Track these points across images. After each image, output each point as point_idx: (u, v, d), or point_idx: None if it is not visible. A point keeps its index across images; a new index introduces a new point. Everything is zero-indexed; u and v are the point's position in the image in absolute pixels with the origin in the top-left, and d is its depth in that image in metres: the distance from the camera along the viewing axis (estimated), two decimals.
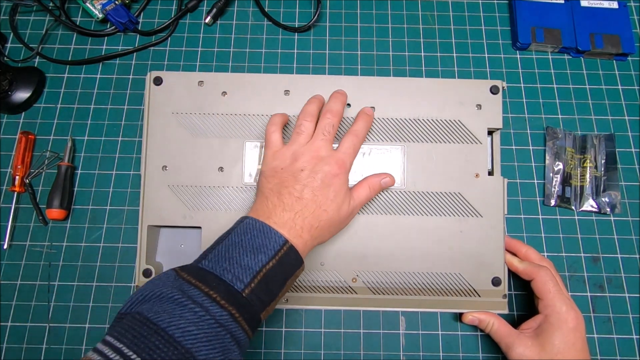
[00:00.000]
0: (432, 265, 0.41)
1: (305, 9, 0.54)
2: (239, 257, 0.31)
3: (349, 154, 0.38)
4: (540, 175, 0.48)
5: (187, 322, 0.27)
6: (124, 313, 0.29)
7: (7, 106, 0.49)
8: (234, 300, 0.29)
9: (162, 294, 0.28)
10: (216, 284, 0.29)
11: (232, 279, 0.30)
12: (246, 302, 0.30)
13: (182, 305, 0.28)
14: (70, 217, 0.46)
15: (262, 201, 0.36)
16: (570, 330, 0.36)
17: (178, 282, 0.29)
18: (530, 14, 0.52)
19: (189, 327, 0.27)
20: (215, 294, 0.29)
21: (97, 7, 0.51)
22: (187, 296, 0.28)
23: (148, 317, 0.27)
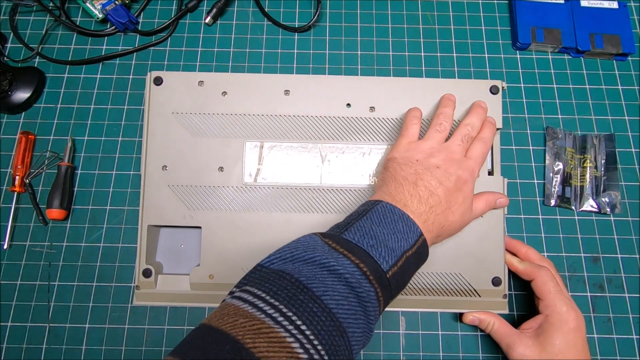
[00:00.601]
0: (431, 265, 0.41)
1: (305, 9, 0.54)
2: (384, 237, 0.30)
3: (479, 163, 0.38)
4: (540, 175, 0.48)
5: (340, 295, 0.26)
6: (266, 267, 0.28)
7: (7, 106, 0.49)
8: (379, 279, 0.28)
9: (312, 258, 0.28)
10: (365, 258, 0.28)
11: (378, 257, 0.29)
12: (387, 285, 0.29)
13: (335, 275, 0.27)
14: (70, 217, 0.46)
15: (397, 187, 0.35)
16: (571, 331, 0.36)
17: (327, 247, 0.28)
18: (530, 14, 0.52)
19: (342, 300, 0.26)
20: (366, 268, 0.28)
21: (97, 7, 0.51)
22: (340, 264, 0.27)
23: (300, 280, 0.26)
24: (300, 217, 0.42)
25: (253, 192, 0.42)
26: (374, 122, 0.43)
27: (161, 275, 0.43)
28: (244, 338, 0.22)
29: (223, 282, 0.41)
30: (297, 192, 0.42)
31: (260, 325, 0.23)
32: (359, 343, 0.27)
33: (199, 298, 0.42)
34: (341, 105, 0.43)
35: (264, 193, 0.42)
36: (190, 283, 0.42)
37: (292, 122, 0.43)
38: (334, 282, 0.26)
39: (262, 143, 0.43)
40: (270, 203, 0.42)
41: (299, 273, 0.27)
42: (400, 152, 0.38)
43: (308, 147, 0.43)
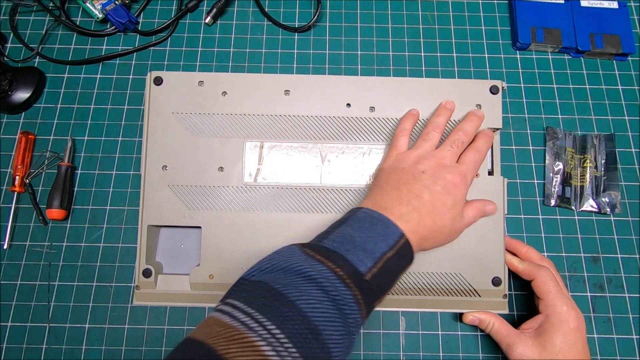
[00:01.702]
0: (431, 265, 0.41)
1: (305, 9, 0.54)
2: (361, 241, 0.31)
3: (472, 169, 0.38)
4: (540, 175, 0.48)
5: (314, 298, 0.27)
6: (246, 279, 0.29)
7: (7, 106, 0.49)
8: (357, 282, 0.29)
9: (289, 266, 0.28)
10: (342, 262, 0.29)
11: (356, 260, 0.29)
12: (368, 287, 0.29)
13: (310, 280, 0.27)
14: (70, 217, 0.46)
15: (379, 193, 0.36)
16: (571, 330, 0.36)
17: (304, 256, 0.29)
18: (530, 14, 0.52)
19: (316, 304, 0.27)
20: (341, 272, 0.28)
21: (97, 7, 0.51)
22: (316, 270, 0.28)
23: (275, 288, 0.27)
24: (300, 217, 0.42)
25: (253, 192, 0.42)
26: (374, 122, 0.43)
27: (161, 275, 0.43)
28: (218, 345, 0.24)
29: (223, 282, 0.41)
30: (297, 192, 0.42)
31: (233, 333, 0.24)
32: (338, 345, 0.27)
33: (199, 298, 0.42)
34: (341, 105, 0.43)
35: (264, 193, 0.42)
36: (190, 283, 0.42)
37: (292, 122, 0.43)
38: (309, 287, 0.27)
39: (262, 143, 0.43)
40: (270, 203, 0.42)
41: (275, 282, 0.28)
42: (388, 162, 0.39)
43: (308, 147, 0.43)
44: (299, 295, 0.27)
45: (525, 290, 0.45)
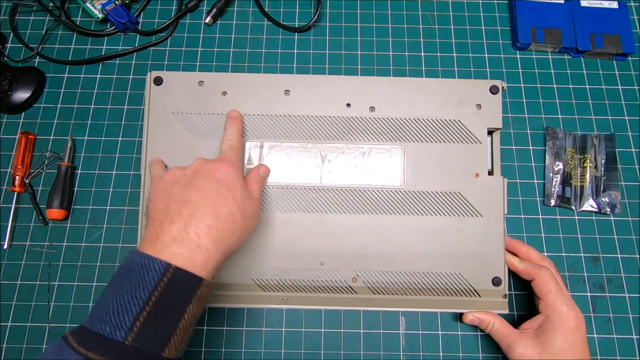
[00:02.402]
0: (432, 265, 0.41)
1: (305, 9, 0.54)
2: (117, 302, 0.28)
3: (230, 152, 0.38)
4: (540, 175, 0.48)
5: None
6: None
7: (7, 106, 0.49)
8: (116, 354, 0.26)
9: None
10: (95, 342, 0.27)
11: (110, 330, 0.27)
12: (133, 350, 0.27)
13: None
14: (70, 217, 0.46)
15: (149, 225, 0.32)
16: (571, 330, 0.36)
17: (60, 350, 0.27)
18: (530, 14, 0.52)
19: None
20: (93, 354, 0.26)
21: (97, 7, 0.51)
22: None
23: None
24: (300, 217, 0.42)
25: None
26: (374, 122, 0.43)
27: None
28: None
29: (223, 282, 0.41)
30: (297, 192, 0.42)
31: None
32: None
33: None
34: (341, 105, 0.43)
35: (264, 193, 0.42)
36: None
37: (292, 122, 0.43)
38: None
39: (262, 143, 0.43)
40: (270, 203, 0.42)
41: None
42: (151, 191, 0.36)
43: (308, 147, 0.43)
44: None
45: (525, 290, 0.45)
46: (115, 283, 0.30)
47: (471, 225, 0.42)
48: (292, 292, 0.41)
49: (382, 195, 0.42)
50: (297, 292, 0.42)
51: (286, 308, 0.44)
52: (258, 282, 0.41)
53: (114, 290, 0.29)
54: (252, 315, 0.44)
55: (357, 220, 0.42)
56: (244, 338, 0.43)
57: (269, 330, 0.44)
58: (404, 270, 0.41)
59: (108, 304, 0.28)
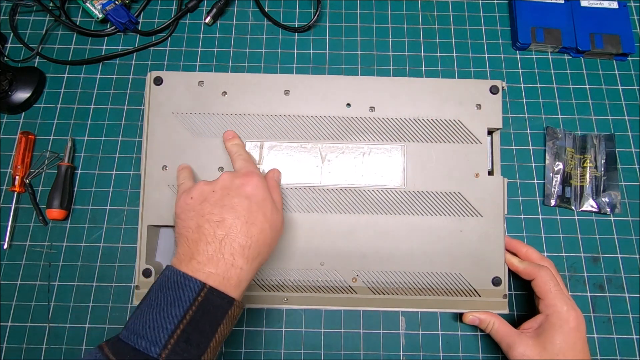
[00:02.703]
0: (432, 265, 0.41)
1: (305, 9, 0.54)
2: (153, 318, 0.29)
3: (248, 165, 0.38)
4: (540, 175, 0.48)
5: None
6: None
7: (7, 106, 0.49)
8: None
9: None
10: (131, 356, 0.28)
11: (146, 345, 0.28)
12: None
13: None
14: (70, 217, 0.46)
15: (183, 243, 0.33)
16: (571, 330, 0.36)
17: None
18: (530, 14, 0.52)
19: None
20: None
21: (97, 7, 0.51)
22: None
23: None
24: (300, 217, 0.42)
25: None
26: (374, 122, 0.43)
27: None
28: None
29: None
30: (297, 192, 0.42)
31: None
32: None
33: None
34: (341, 105, 0.43)
35: None
36: None
37: (292, 122, 0.43)
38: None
39: (262, 143, 0.43)
40: None
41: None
42: (179, 206, 0.36)
43: (308, 147, 0.43)
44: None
45: (525, 290, 0.45)
46: (151, 297, 0.30)
47: (471, 225, 0.42)
48: (292, 292, 0.41)
49: (382, 195, 0.42)
50: (297, 292, 0.42)
51: (286, 308, 0.44)
52: (258, 282, 0.41)
53: (150, 305, 0.30)
54: (252, 315, 0.44)
55: (357, 220, 0.42)
56: (244, 338, 0.43)
57: (269, 330, 0.44)
58: (404, 270, 0.41)
59: (145, 319, 0.29)
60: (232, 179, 0.35)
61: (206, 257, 0.31)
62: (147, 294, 0.31)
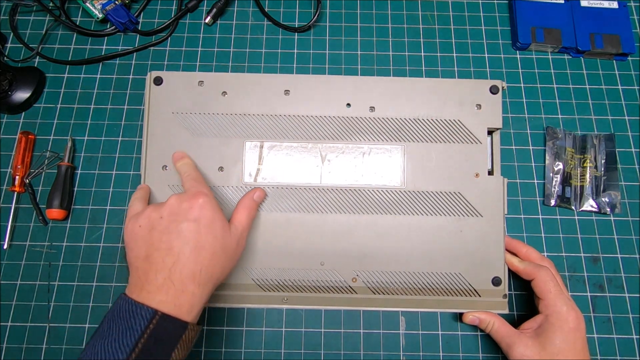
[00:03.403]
0: (432, 265, 0.41)
1: (305, 9, 0.54)
2: (104, 349, 0.29)
3: (196, 185, 0.37)
4: (540, 175, 0.48)
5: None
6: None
7: (7, 106, 0.49)
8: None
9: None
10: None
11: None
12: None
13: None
14: (70, 217, 0.46)
15: (133, 273, 0.33)
16: (571, 330, 0.36)
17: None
18: (530, 14, 0.52)
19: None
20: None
21: (97, 7, 0.51)
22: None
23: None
24: (300, 217, 0.42)
25: None
26: (374, 122, 0.43)
27: None
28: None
29: (223, 282, 0.41)
30: (297, 192, 0.42)
31: None
32: None
33: None
34: (341, 105, 0.43)
35: None
36: None
37: (292, 122, 0.43)
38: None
39: (262, 143, 0.43)
40: (270, 203, 0.42)
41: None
42: (127, 234, 0.35)
43: (308, 147, 0.43)
44: None
45: (525, 290, 0.45)
46: (103, 328, 0.30)
47: (471, 225, 0.42)
48: (292, 292, 0.41)
49: (382, 195, 0.42)
50: (297, 292, 0.42)
51: (286, 308, 0.44)
52: (258, 282, 0.41)
53: (102, 336, 0.30)
54: (252, 315, 0.44)
55: (357, 220, 0.42)
56: (244, 338, 0.43)
57: (269, 330, 0.44)
58: (404, 270, 0.41)
59: (96, 351, 0.29)
60: (179, 203, 0.35)
61: (156, 286, 0.31)
62: (100, 324, 0.31)
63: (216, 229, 0.34)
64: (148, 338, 0.29)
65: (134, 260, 0.33)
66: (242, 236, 0.38)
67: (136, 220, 0.35)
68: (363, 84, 0.44)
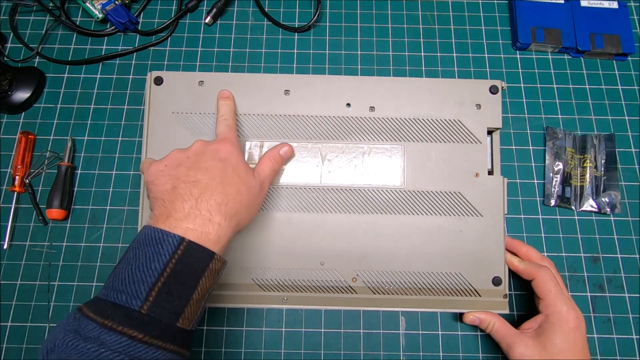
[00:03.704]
0: (432, 265, 0.41)
1: (305, 9, 0.54)
2: (132, 273, 0.29)
3: (228, 132, 0.38)
4: (540, 175, 0.48)
5: None
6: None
7: (7, 106, 0.49)
8: (133, 322, 0.27)
9: (58, 342, 0.27)
10: (112, 311, 0.27)
11: (127, 299, 0.28)
12: (149, 319, 0.28)
13: (77, 350, 0.26)
14: (70, 217, 0.46)
15: (159, 205, 0.33)
16: (571, 330, 0.36)
17: (76, 322, 0.28)
18: (530, 14, 0.52)
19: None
20: (111, 322, 0.27)
21: (97, 7, 0.51)
22: (80, 336, 0.27)
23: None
24: (300, 216, 0.42)
25: None
26: (374, 121, 0.43)
27: None
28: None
29: (223, 282, 0.41)
30: (297, 192, 0.42)
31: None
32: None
33: None
34: (341, 105, 0.43)
35: None
36: None
37: (292, 122, 0.43)
38: (80, 356, 0.26)
39: (262, 143, 0.43)
40: (270, 203, 0.42)
41: None
42: (151, 174, 0.35)
43: (308, 147, 0.43)
44: None
45: (525, 290, 0.45)
46: (129, 256, 0.30)
47: (471, 225, 0.42)
48: (292, 292, 0.41)
49: (382, 195, 0.42)
50: (297, 292, 0.41)
51: (286, 308, 0.44)
52: (258, 282, 0.41)
53: (128, 263, 0.30)
54: (252, 315, 0.44)
55: (357, 220, 0.42)
56: (244, 338, 0.43)
57: (269, 330, 0.43)
58: (404, 270, 0.41)
59: (123, 275, 0.29)
60: (205, 145, 0.36)
61: (183, 214, 0.31)
62: (125, 253, 0.31)
63: (240, 171, 0.35)
64: (176, 263, 0.29)
65: (160, 193, 0.33)
66: (265, 184, 0.38)
67: (161, 161, 0.35)
68: (363, 84, 0.44)
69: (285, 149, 0.41)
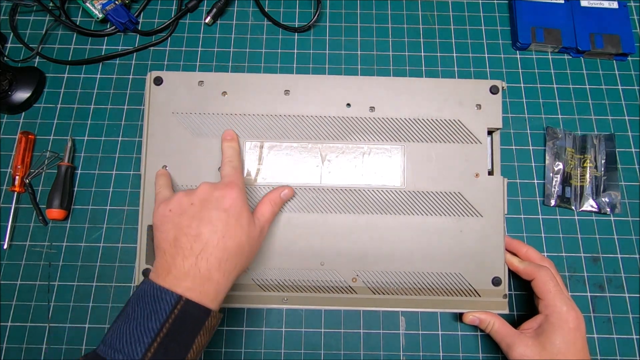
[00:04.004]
0: (432, 265, 0.41)
1: (305, 9, 0.54)
2: (130, 332, 0.29)
3: (233, 175, 0.38)
4: (540, 175, 0.48)
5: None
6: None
7: (7, 106, 0.49)
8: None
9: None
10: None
11: (124, 358, 0.28)
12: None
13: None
14: (70, 217, 0.46)
15: (160, 256, 0.33)
16: (571, 330, 0.36)
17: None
18: (530, 14, 0.52)
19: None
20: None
21: (97, 7, 0.51)
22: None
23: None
24: (300, 217, 0.42)
25: (253, 192, 0.42)
26: (374, 122, 0.43)
27: None
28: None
29: None
30: (297, 192, 0.42)
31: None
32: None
33: None
34: (341, 105, 0.43)
35: (264, 193, 0.42)
36: None
37: (292, 122, 0.43)
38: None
39: (262, 143, 0.43)
40: None
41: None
42: (157, 217, 0.36)
43: (308, 147, 0.43)
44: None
45: (525, 290, 0.45)
46: (128, 311, 0.31)
47: (471, 225, 0.42)
48: (292, 292, 0.41)
49: (382, 195, 0.42)
50: (297, 292, 0.42)
51: (286, 308, 0.44)
52: (258, 282, 0.41)
53: (126, 319, 0.30)
54: (252, 315, 0.44)
55: (357, 220, 0.42)
56: (244, 338, 0.43)
57: (269, 330, 0.44)
58: (404, 270, 0.41)
59: (121, 333, 0.29)
60: (211, 190, 0.35)
61: (183, 272, 0.31)
62: (124, 307, 0.32)
63: (243, 220, 0.35)
64: (173, 323, 0.29)
65: (162, 242, 0.34)
66: (265, 228, 0.38)
67: (167, 205, 0.35)
68: (363, 84, 0.44)
69: (286, 191, 0.41)
